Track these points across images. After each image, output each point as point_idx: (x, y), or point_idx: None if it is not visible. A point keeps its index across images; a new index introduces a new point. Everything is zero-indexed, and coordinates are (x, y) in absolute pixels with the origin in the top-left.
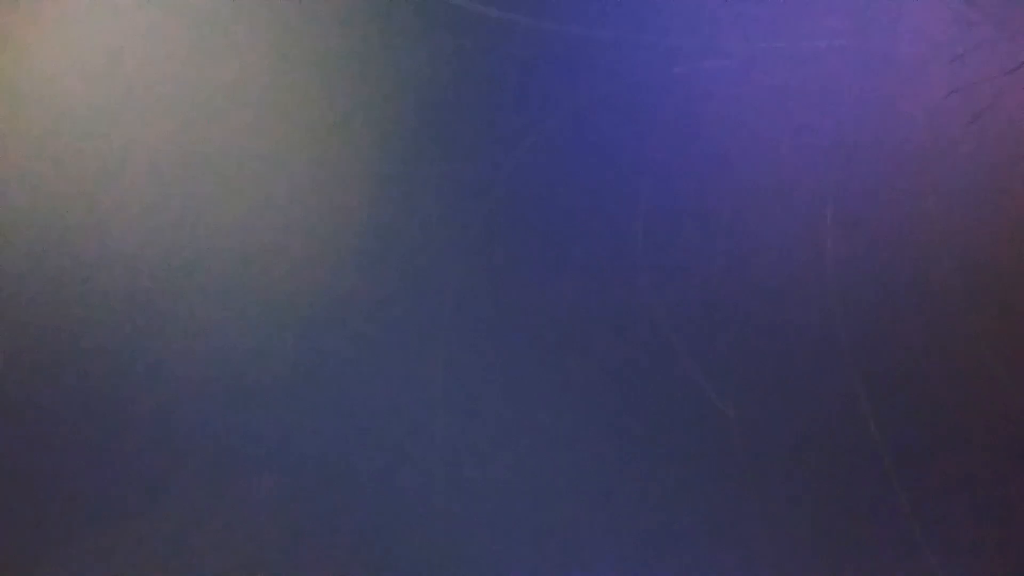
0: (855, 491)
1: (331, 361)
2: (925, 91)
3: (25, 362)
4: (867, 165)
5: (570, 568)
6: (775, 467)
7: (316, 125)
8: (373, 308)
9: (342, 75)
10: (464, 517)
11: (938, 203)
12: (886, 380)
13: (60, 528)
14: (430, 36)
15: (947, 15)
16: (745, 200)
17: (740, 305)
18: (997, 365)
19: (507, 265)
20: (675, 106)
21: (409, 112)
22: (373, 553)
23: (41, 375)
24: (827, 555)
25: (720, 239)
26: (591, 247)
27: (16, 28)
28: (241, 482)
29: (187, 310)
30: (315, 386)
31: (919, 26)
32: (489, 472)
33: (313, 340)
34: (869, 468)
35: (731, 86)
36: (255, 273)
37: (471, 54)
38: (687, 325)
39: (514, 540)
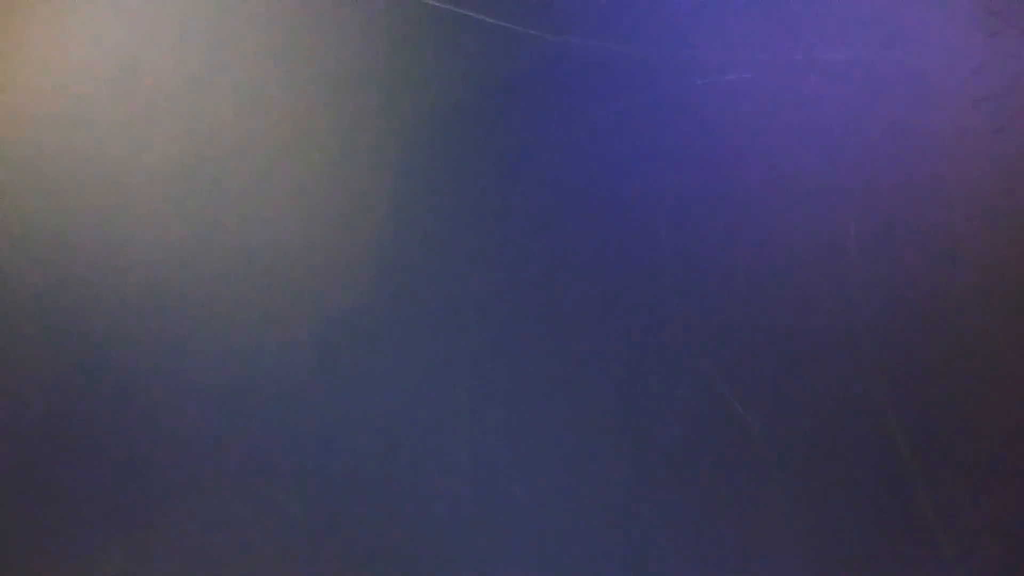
0: (877, 495)
1: (349, 368)
2: (949, 101)
3: (30, 366)
4: (890, 175)
5: None
6: (796, 472)
7: (335, 134)
8: (392, 314)
9: (363, 86)
10: (483, 524)
11: (961, 212)
12: (910, 387)
13: (67, 533)
14: (453, 51)
15: (970, 26)
16: (768, 211)
17: (764, 314)
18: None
19: (529, 273)
20: (697, 117)
21: (431, 124)
22: (389, 558)
23: (48, 379)
24: (846, 555)
25: (743, 251)
26: (614, 258)
27: (24, 35)
28: (260, 488)
29: (202, 314)
30: (332, 393)
31: (942, 37)
32: (509, 479)
33: (331, 346)
34: (891, 472)
35: (753, 97)
36: (272, 279)
37: (495, 68)
38: (711, 335)
39: (531, 548)
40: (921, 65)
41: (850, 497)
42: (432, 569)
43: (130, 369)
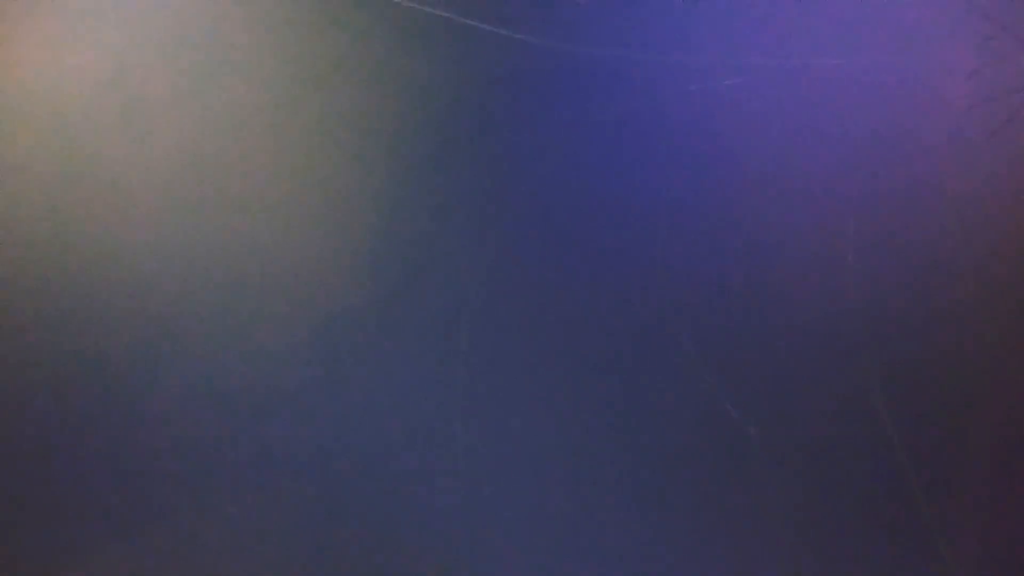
0: (874, 501)
1: (348, 368)
2: (943, 106)
3: (31, 370)
4: (886, 180)
5: None
6: (793, 477)
7: (329, 139)
8: (389, 316)
9: (359, 91)
10: (482, 526)
11: (957, 216)
12: (907, 392)
13: (71, 537)
14: (448, 56)
15: (964, 30)
16: (765, 216)
17: (761, 318)
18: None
19: (525, 277)
20: (692, 123)
21: (425, 129)
22: (390, 561)
23: (47, 383)
24: (844, 560)
25: (741, 254)
26: (611, 262)
27: (19, 36)
28: (258, 488)
29: (200, 316)
30: (332, 392)
31: (936, 41)
32: (504, 481)
33: (329, 348)
34: (888, 475)
35: (748, 103)
36: (266, 281)
37: (489, 74)
38: (707, 338)
39: (530, 551)
40: (916, 69)
41: (847, 503)
42: (430, 570)
43: (129, 371)
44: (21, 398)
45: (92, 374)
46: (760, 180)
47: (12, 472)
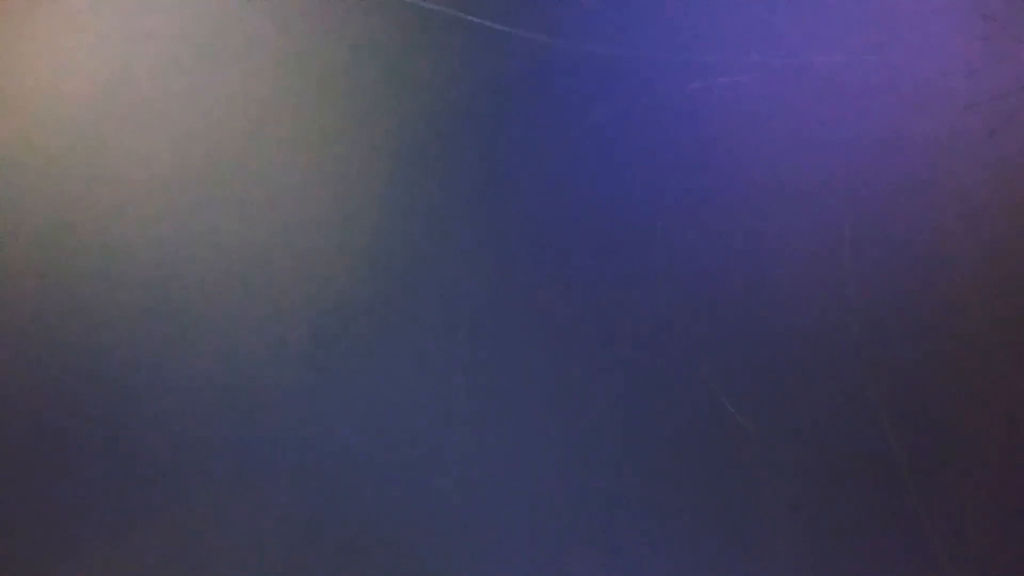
0: (869, 497)
1: (345, 368)
2: (942, 106)
3: (29, 368)
4: (884, 179)
5: None
6: (789, 472)
7: (328, 137)
8: (389, 315)
9: (358, 89)
10: (481, 529)
11: (956, 216)
12: (903, 389)
13: (68, 534)
14: (446, 53)
15: (965, 29)
16: (762, 214)
17: (758, 316)
18: (1019, 379)
19: (524, 275)
20: (691, 122)
21: (425, 127)
22: (388, 563)
23: (47, 380)
24: (837, 556)
25: (737, 254)
26: (608, 262)
27: (19, 31)
28: (254, 488)
29: (198, 315)
30: (329, 393)
31: (936, 41)
32: (503, 478)
33: (327, 346)
34: (884, 476)
35: (747, 102)
36: (266, 281)
37: (487, 71)
38: (704, 336)
39: (530, 552)
40: (916, 69)
41: (842, 498)
42: (428, 569)
43: (128, 370)
44: (20, 396)
45: (95, 372)
46: (758, 178)
47: (9, 471)
